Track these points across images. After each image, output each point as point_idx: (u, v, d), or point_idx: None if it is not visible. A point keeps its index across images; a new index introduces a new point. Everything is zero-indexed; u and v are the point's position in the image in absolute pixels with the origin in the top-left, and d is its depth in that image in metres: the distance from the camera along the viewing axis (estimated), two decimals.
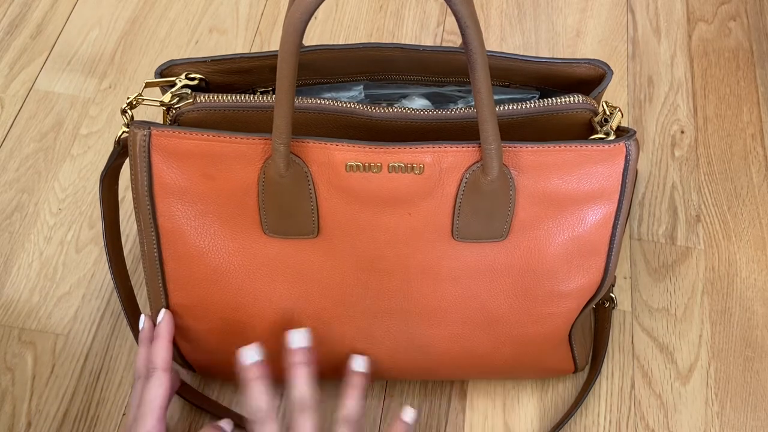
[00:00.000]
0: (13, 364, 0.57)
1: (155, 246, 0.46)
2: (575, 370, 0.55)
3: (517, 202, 0.44)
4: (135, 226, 0.63)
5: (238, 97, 0.45)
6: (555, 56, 0.75)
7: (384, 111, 0.45)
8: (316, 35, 0.76)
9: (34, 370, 0.56)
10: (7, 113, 0.69)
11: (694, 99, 0.73)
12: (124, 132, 0.44)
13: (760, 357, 0.59)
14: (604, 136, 0.44)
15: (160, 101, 0.45)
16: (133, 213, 0.64)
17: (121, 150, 0.45)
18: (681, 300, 0.61)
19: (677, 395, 0.57)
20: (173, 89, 0.45)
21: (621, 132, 0.44)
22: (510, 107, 0.45)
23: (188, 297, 0.47)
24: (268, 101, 0.45)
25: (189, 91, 0.46)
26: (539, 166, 0.43)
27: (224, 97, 0.45)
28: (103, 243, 0.50)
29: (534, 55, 0.75)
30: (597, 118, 0.45)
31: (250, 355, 0.45)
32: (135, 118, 0.45)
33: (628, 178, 0.44)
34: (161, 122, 0.45)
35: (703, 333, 0.60)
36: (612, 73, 0.46)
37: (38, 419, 0.54)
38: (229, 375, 0.55)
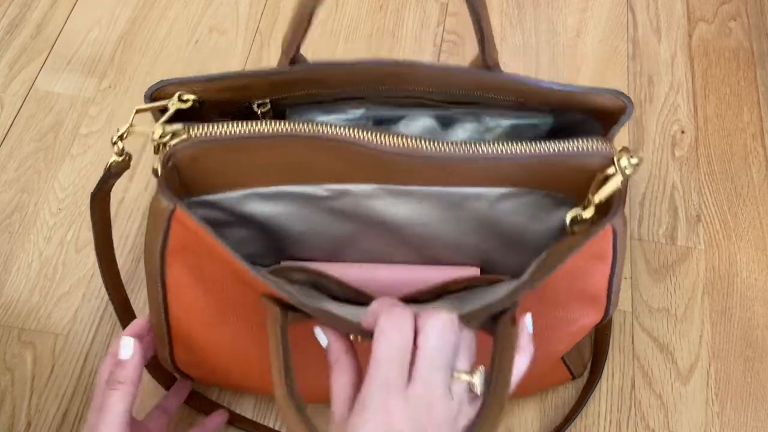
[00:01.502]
0: (12, 364, 0.56)
1: (161, 297, 0.44)
2: (573, 378, 0.55)
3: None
4: (135, 226, 0.63)
5: (235, 127, 0.43)
6: (562, 60, 0.75)
7: (386, 140, 0.42)
8: (316, 35, 0.76)
9: (34, 370, 0.56)
10: (6, 113, 0.69)
11: (694, 99, 0.73)
12: (115, 161, 0.43)
13: (761, 357, 0.59)
14: (587, 216, 0.42)
15: (152, 138, 0.42)
16: (133, 213, 0.64)
17: (111, 174, 0.44)
18: (681, 300, 0.61)
19: (677, 395, 0.57)
20: (165, 115, 0.42)
21: (607, 205, 0.42)
22: (521, 149, 0.43)
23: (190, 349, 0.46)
24: (268, 130, 0.42)
25: (182, 126, 0.42)
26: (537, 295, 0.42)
27: (220, 128, 0.42)
28: (96, 258, 0.48)
29: (534, 55, 0.75)
30: (585, 213, 0.43)
31: None
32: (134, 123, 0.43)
33: (618, 246, 0.42)
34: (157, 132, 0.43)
35: (703, 333, 0.60)
36: (632, 108, 0.43)
37: (38, 419, 0.54)
38: (228, 385, 0.55)
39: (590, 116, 0.45)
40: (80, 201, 0.64)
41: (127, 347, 0.43)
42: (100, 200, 0.46)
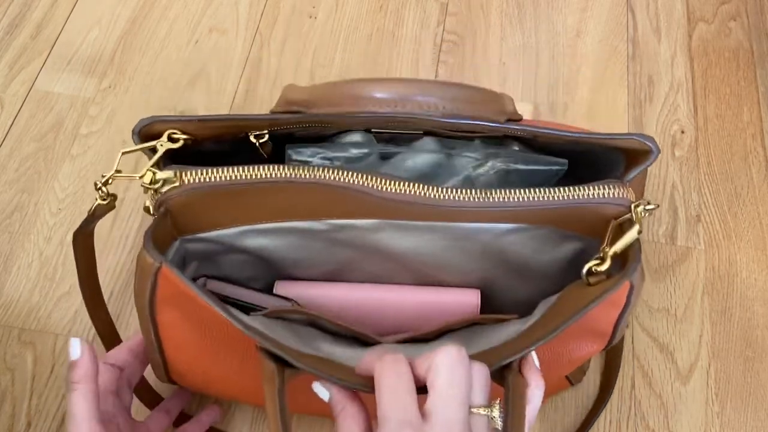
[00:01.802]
0: (13, 364, 0.57)
1: (153, 334, 0.43)
2: (572, 385, 0.55)
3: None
4: (135, 226, 0.63)
5: (230, 173, 0.41)
6: (562, 59, 0.75)
7: (389, 186, 0.42)
8: (316, 35, 0.76)
9: (34, 370, 0.56)
10: (7, 113, 0.69)
11: (694, 99, 0.73)
12: (99, 204, 0.42)
13: (761, 357, 0.59)
14: (602, 269, 0.40)
15: (142, 183, 0.41)
16: (133, 213, 0.64)
17: (95, 217, 0.43)
18: (681, 300, 0.61)
19: (677, 395, 0.57)
20: (154, 158, 0.41)
21: (625, 255, 0.40)
22: (532, 197, 0.42)
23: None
24: (266, 175, 0.41)
25: (173, 173, 0.41)
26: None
27: (215, 174, 0.41)
28: (83, 285, 0.47)
29: (534, 55, 0.75)
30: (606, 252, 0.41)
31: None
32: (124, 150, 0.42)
33: (633, 296, 0.40)
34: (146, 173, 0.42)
35: (703, 333, 0.60)
36: (658, 153, 0.41)
37: (38, 419, 0.54)
38: (225, 399, 0.55)
39: (609, 167, 0.44)
40: (80, 201, 0.65)
41: (75, 347, 0.42)
42: (84, 239, 0.45)
